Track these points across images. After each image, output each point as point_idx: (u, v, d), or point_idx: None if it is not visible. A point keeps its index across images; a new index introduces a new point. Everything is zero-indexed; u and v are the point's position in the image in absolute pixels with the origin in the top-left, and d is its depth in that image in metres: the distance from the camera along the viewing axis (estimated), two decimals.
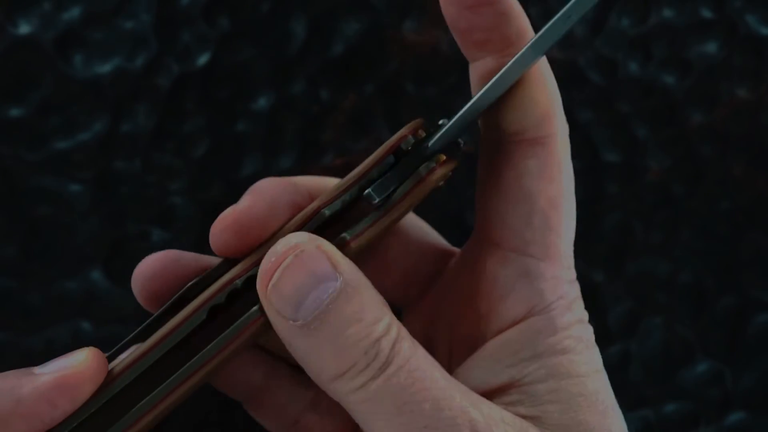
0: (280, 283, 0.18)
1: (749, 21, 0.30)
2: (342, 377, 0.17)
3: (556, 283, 0.20)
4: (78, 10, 0.28)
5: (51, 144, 0.28)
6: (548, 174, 0.20)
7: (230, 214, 0.21)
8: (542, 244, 0.20)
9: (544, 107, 0.20)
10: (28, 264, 0.28)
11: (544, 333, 0.20)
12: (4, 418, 0.17)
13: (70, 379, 0.18)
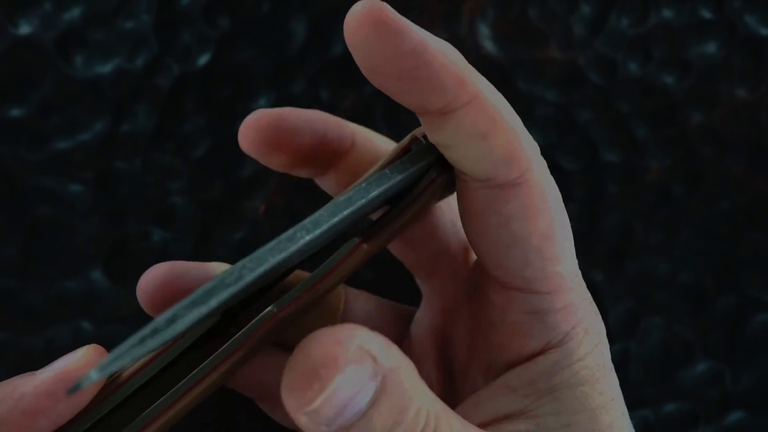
0: (321, 408, 0.15)
1: (749, 21, 0.30)
2: None
3: (567, 313, 0.19)
4: (78, 11, 0.28)
5: (51, 144, 0.28)
6: (533, 212, 0.19)
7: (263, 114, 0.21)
8: (545, 278, 0.19)
9: (507, 148, 0.18)
10: (28, 264, 0.28)
11: (560, 365, 0.19)
12: (7, 416, 0.17)
13: (70, 373, 0.17)
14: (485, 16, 0.29)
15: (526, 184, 0.18)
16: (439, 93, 0.17)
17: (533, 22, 0.29)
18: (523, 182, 0.18)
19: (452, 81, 0.17)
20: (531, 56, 0.29)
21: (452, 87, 0.17)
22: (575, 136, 0.29)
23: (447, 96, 0.17)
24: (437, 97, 0.17)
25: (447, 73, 0.17)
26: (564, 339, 0.19)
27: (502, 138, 0.18)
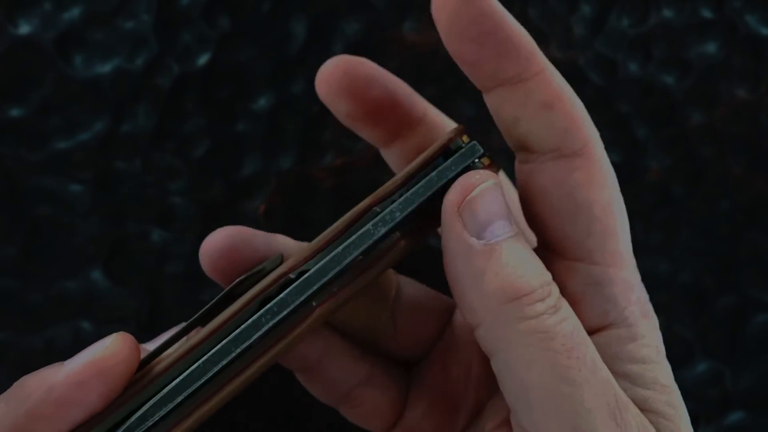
0: (474, 201, 0.18)
1: (749, 21, 0.30)
2: (518, 301, 0.17)
3: (626, 287, 0.20)
4: (78, 11, 0.28)
5: (51, 144, 0.28)
6: (597, 182, 0.20)
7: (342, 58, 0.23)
8: (605, 251, 0.20)
9: (572, 118, 0.20)
10: (28, 264, 0.28)
11: (623, 340, 0.20)
12: (37, 408, 0.17)
13: (100, 362, 0.17)
14: None
15: (588, 155, 0.20)
16: (514, 60, 0.19)
17: (533, 22, 0.29)
18: (585, 153, 0.20)
19: (525, 50, 0.19)
20: None
21: (525, 55, 0.19)
22: None
23: (520, 64, 0.19)
24: (512, 64, 0.19)
25: (521, 41, 0.19)
26: (624, 314, 0.20)
27: (567, 108, 0.19)
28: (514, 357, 0.18)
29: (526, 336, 0.17)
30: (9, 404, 0.17)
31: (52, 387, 0.17)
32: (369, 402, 0.23)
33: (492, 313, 0.18)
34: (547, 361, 0.17)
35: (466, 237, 0.18)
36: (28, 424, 0.17)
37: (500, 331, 0.18)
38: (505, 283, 0.18)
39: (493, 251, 0.18)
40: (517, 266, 0.18)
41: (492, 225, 0.18)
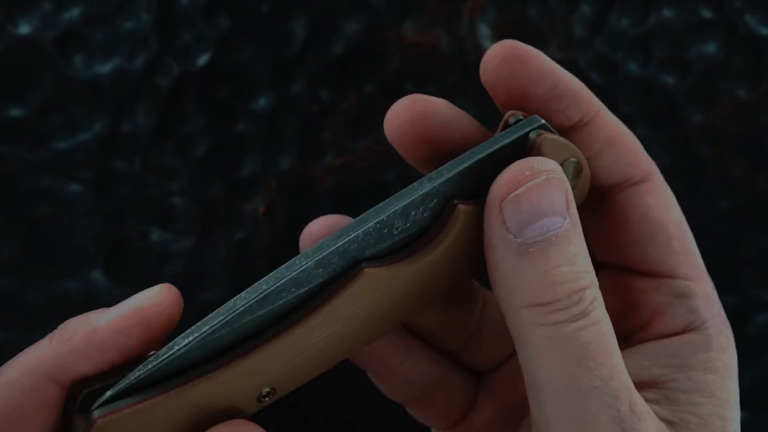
0: (522, 197, 0.18)
1: (749, 21, 0.30)
2: (539, 308, 0.18)
3: (707, 301, 0.21)
4: (78, 10, 0.28)
5: (51, 144, 0.28)
6: (666, 203, 0.21)
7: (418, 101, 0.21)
8: (687, 266, 0.21)
9: (633, 150, 0.21)
10: (28, 264, 0.28)
11: (698, 348, 0.20)
12: (81, 349, 0.18)
13: (144, 311, 0.18)
14: (485, 16, 0.29)
15: (654, 180, 0.21)
16: (576, 107, 0.20)
17: (533, 22, 0.29)
18: (651, 178, 0.21)
19: (583, 96, 0.21)
20: None
21: (584, 101, 0.20)
22: None
23: (582, 109, 0.20)
24: (576, 111, 0.20)
25: (579, 89, 0.20)
26: (703, 325, 0.20)
27: (627, 141, 0.21)
28: (530, 355, 0.18)
29: (541, 339, 0.18)
30: (53, 342, 0.18)
31: (96, 330, 0.18)
32: (440, 403, 0.24)
33: (513, 311, 0.18)
34: (558, 366, 0.18)
35: (504, 233, 0.18)
36: (69, 362, 0.18)
37: (519, 329, 0.18)
38: (532, 288, 0.18)
39: (528, 253, 0.18)
40: (549, 272, 0.18)
41: (534, 224, 0.18)
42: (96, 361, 0.18)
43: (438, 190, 0.19)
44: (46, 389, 0.18)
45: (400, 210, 0.18)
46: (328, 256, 0.18)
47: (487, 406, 0.24)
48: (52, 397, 0.18)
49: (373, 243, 0.19)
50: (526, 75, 0.20)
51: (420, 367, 0.23)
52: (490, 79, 0.20)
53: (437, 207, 0.19)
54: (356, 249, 0.18)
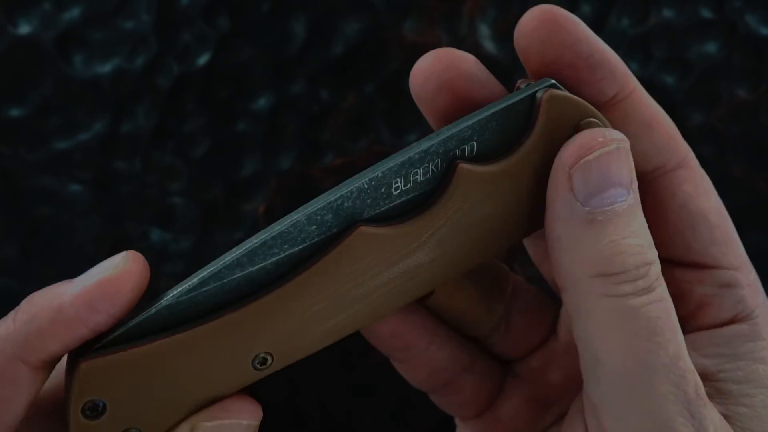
0: (591, 164, 0.17)
1: (749, 21, 0.30)
2: (607, 278, 0.17)
3: (753, 290, 0.20)
4: (78, 10, 0.28)
5: (51, 144, 0.28)
6: (705, 190, 0.20)
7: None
8: (730, 255, 0.20)
9: (670, 133, 0.20)
10: (28, 264, 0.28)
11: (746, 338, 0.20)
12: (47, 328, 0.17)
13: (110, 282, 0.17)
14: (485, 16, 0.29)
15: (690, 167, 0.20)
16: (611, 80, 0.19)
17: None
18: (687, 165, 0.20)
19: (619, 69, 0.19)
20: None
21: (620, 75, 0.19)
22: None
23: (617, 83, 0.19)
24: (610, 84, 0.19)
25: (614, 61, 0.19)
26: (751, 314, 0.20)
27: (663, 125, 0.20)
28: (591, 329, 0.17)
29: (607, 312, 0.17)
30: (17, 322, 0.17)
31: (61, 307, 0.17)
32: (466, 391, 0.23)
33: (578, 283, 0.18)
34: (624, 340, 0.17)
35: (572, 200, 0.17)
36: (38, 342, 0.17)
37: (582, 301, 0.18)
38: (599, 257, 0.17)
39: (596, 222, 0.17)
40: (617, 242, 0.17)
41: (603, 193, 0.17)
42: (65, 338, 0.17)
43: (437, 149, 0.18)
44: (16, 371, 0.17)
45: (397, 168, 0.18)
46: (320, 212, 0.17)
47: (515, 395, 0.23)
48: (25, 379, 0.17)
49: (371, 203, 0.18)
50: (561, 40, 0.19)
51: (445, 353, 0.22)
52: (523, 44, 0.19)
53: (440, 169, 0.18)
54: (351, 208, 0.18)
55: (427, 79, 0.20)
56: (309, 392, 0.29)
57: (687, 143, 0.20)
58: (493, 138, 0.18)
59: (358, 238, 0.17)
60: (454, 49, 0.20)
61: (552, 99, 0.18)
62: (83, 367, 0.17)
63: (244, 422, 0.18)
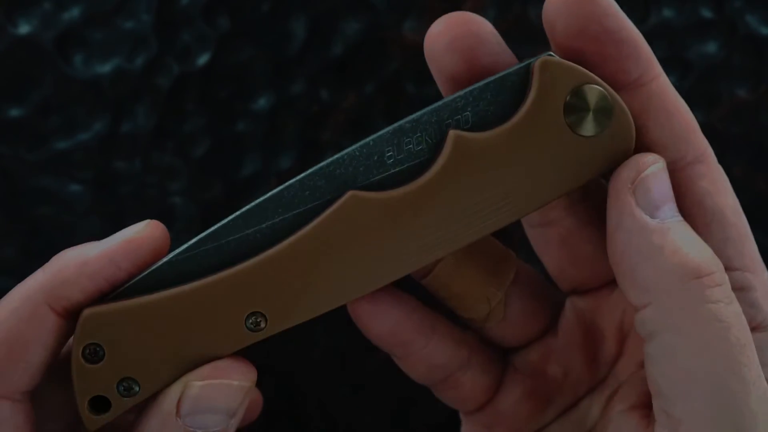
0: (648, 180, 0.18)
1: (749, 21, 0.30)
2: (701, 280, 0.17)
3: (766, 295, 0.20)
4: (78, 10, 0.28)
5: (51, 144, 0.28)
6: (721, 187, 0.20)
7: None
8: (744, 256, 0.20)
9: (690, 125, 0.20)
10: (28, 264, 0.28)
11: (763, 346, 0.19)
12: (73, 278, 0.19)
13: (132, 243, 0.19)
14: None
15: (709, 162, 0.20)
16: (635, 60, 0.19)
17: (533, 22, 0.29)
18: (705, 160, 0.20)
19: (644, 52, 0.19)
20: (531, 56, 0.29)
21: (645, 58, 0.19)
22: None
23: (641, 65, 0.19)
24: (634, 65, 0.19)
25: (641, 43, 0.19)
26: (765, 320, 0.19)
27: (685, 115, 0.20)
28: (685, 341, 0.17)
29: (704, 322, 0.17)
30: (46, 272, 0.19)
31: (87, 261, 0.19)
32: (467, 384, 0.23)
33: (670, 291, 0.17)
34: (721, 352, 0.17)
35: (640, 213, 0.18)
36: (63, 289, 0.19)
37: (675, 312, 0.17)
38: (686, 260, 0.17)
39: (669, 229, 0.18)
40: (693, 248, 0.18)
41: (664, 206, 0.18)
42: (87, 289, 0.19)
43: (430, 118, 0.18)
44: (44, 315, 0.19)
45: (389, 136, 0.18)
46: (312, 177, 0.18)
47: (515, 387, 0.23)
48: (50, 323, 0.19)
49: (364, 171, 0.18)
50: (590, 11, 0.18)
51: (445, 347, 0.22)
52: (551, 15, 0.19)
53: (434, 140, 0.18)
54: (344, 175, 0.18)
55: (439, 36, 0.20)
56: (309, 392, 0.29)
57: (705, 138, 0.20)
58: (488, 109, 0.18)
59: (350, 202, 0.18)
60: (471, 13, 0.20)
61: (545, 65, 0.18)
62: (86, 313, 0.19)
63: (235, 383, 0.19)
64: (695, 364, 0.17)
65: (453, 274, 0.21)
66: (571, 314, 0.23)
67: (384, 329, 0.22)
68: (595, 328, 0.23)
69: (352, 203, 0.18)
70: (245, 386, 0.19)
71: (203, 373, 0.19)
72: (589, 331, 0.23)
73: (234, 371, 0.19)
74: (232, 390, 0.19)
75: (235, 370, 0.19)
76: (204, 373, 0.19)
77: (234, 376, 0.19)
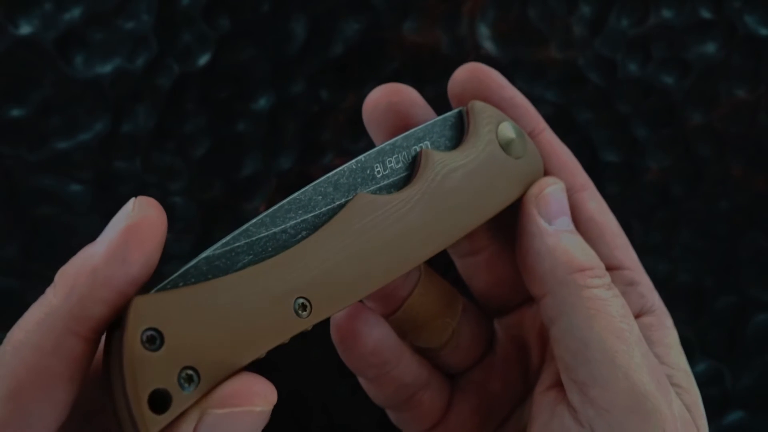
0: (547, 196, 0.23)
1: (748, 21, 0.30)
2: (584, 272, 0.22)
3: (649, 288, 0.24)
4: (79, 11, 0.28)
5: (52, 144, 0.28)
6: (605, 208, 0.25)
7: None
8: (629, 259, 0.24)
9: (572, 163, 0.25)
10: (28, 264, 0.28)
11: (654, 327, 0.24)
12: (88, 294, 0.17)
13: (133, 230, 0.17)
14: (485, 16, 0.29)
15: (592, 189, 0.25)
16: (529, 118, 0.25)
17: (533, 22, 0.29)
18: (589, 188, 0.25)
19: (532, 112, 0.25)
20: (531, 56, 0.29)
21: (533, 116, 0.25)
22: (575, 136, 0.29)
23: (531, 122, 0.25)
24: (526, 122, 0.25)
25: (529, 106, 0.25)
26: (653, 307, 0.24)
27: (567, 156, 0.25)
28: (578, 319, 0.21)
29: (588, 300, 0.21)
30: (58, 297, 0.17)
31: (95, 269, 0.17)
32: (426, 403, 0.25)
33: (561, 282, 0.22)
34: (606, 322, 0.21)
35: (540, 221, 0.23)
36: (82, 311, 0.17)
37: (567, 297, 0.21)
38: (572, 257, 0.22)
39: (562, 234, 0.22)
40: (579, 249, 0.22)
41: (559, 218, 0.23)
42: (109, 299, 0.17)
43: (402, 143, 0.23)
44: (69, 345, 0.17)
45: (374, 155, 0.22)
46: (323, 184, 0.21)
47: (463, 406, 0.26)
48: (77, 352, 0.17)
49: (361, 182, 0.22)
50: (488, 86, 0.24)
51: (412, 367, 0.25)
52: (456, 89, 0.25)
53: (408, 159, 0.23)
54: (347, 184, 0.22)
55: (378, 103, 0.24)
56: (308, 392, 0.29)
57: (586, 173, 0.25)
58: (440, 139, 0.23)
59: (360, 201, 0.21)
60: (399, 84, 0.25)
61: (475, 107, 0.24)
62: (138, 300, 0.17)
63: (257, 409, 0.18)
64: (587, 335, 0.21)
65: (418, 308, 0.25)
66: (501, 334, 0.26)
67: (368, 348, 0.24)
68: (522, 342, 0.26)
69: (361, 201, 0.21)
70: (266, 411, 0.18)
71: (223, 399, 0.17)
72: (519, 346, 0.26)
73: (256, 396, 0.18)
74: (253, 417, 0.18)
75: (256, 395, 0.18)
76: (224, 399, 0.17)
77: (256, 401, 0.18)
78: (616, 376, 0.20)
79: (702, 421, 0.22)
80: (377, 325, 0.24)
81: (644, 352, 0.21)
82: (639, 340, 0.21)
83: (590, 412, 0.21)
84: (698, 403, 0.23)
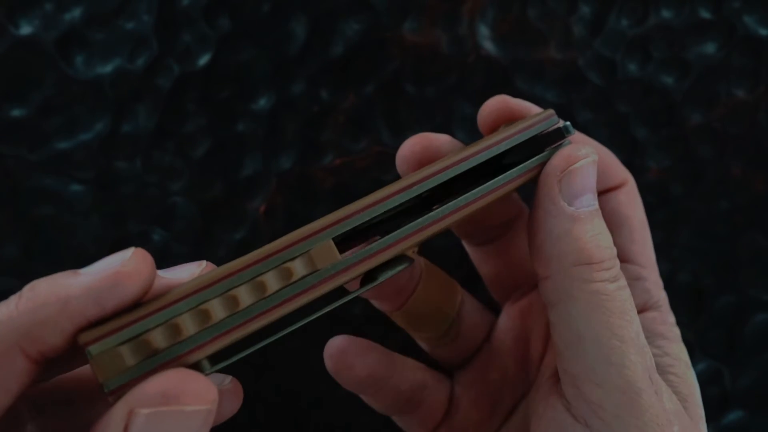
0: (574, 172, 0.21)
1: (747, 22, 0.30)
2: (590, 266, 0.21)
3: (657, 286, 0.25)
4: (79, 11, 0.28)
5: (52, 144, 0.28)
6: (634, 202, 0.25)
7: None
8: (643, 255, 0.25)
9: (610, 160, 0.25)
10: (29, 263, 0.28)
11: (657, 321, 0.24)
12: (53, 319, 0.16)
13: (118, 278, 0.16)
14: (485, 16, 0.29)
15: (628, 185, 0.25)
16: None
17: (533, 23, 0.29)
18: (625, 183, 0.25)
19: None
20: (531, 56, 0.29)
21: None
22: None
23: None
24: None
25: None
26: (657, 303, 0.24)
27: (602, 153, 0.25)
28: (575, 311, 0.21)
29: (589, 294, 0.21)
30: (21, 309, 0.16)
31: (68, 299, 0.16)
32: (427, 403, 0.26)
33: (565, 270, 0.21)
34: (604, 317, 0.20)
35: (559, 200, 0.21)
36: (40, 332, 0.16)
37: (567, 287, 0.21)
38: (583, 247, 0.21)
39: (579, 218, 0.21)
40: (594, 236, 0.21)
41: (583, 196, 0.21)
42: (67, 332, 0.16)
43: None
44: (13, 359, 0.16)
45: None
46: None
47: (463, 401, 0.26)
48: (19, 368, 0.16)
49: None
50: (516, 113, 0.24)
51: (407, 374, 0.25)
52: (487, 121, 0.24)
53: None
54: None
55: (411, 159, 0.24)
56: (309, 392, 0.29)
57: (626, 170, 0.25)
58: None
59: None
60: (429, 134, 0.24)
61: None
62: None
63: (187, 408, 0.16)
64: (583, 328, 0.20)
65: (422, 301, 0.25)
66: (504, 321, 0.27)
67: (363, 375, 0.24)
68: (526, 331, 0.26)
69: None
70: (201, 410, 0.16)
71: (150, 397, 0.16)
72: (519, 335, 0.26)
73: (186, 395, 0.16)
74: (184, 417, 0.16)
75: (187, 393, 0.16)
76: (151, 398, 0.16)
77: (187, 400, 0.16)
78: (609, 374, 0.20)
79: (699, 411, 0.22)
80: (368, 352, 0.24)
81: (640, 348, 0.21)
82: (636, 335, 0.21)
83: (583, 406, 0.21)
84: (695, 394, 0.23)
